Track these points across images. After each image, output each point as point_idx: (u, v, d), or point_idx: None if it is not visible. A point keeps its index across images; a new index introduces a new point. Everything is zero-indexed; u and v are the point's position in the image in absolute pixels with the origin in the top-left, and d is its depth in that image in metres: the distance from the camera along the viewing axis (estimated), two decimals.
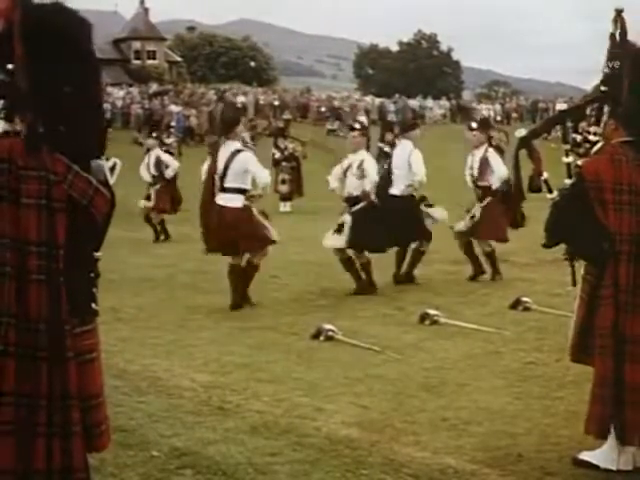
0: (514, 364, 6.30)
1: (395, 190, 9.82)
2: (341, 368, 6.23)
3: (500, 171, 9.91)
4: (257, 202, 8.62)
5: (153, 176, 14.78)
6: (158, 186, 14.69)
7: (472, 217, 10.05)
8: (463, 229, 10.08)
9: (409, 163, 9.77)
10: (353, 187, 9.34)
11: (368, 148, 9.66)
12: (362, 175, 9.23)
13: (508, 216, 10.13)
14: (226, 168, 8.47)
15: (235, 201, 8.47)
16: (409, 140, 10.03)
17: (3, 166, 3.15)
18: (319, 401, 5.41)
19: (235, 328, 7.62)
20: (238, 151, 8.53)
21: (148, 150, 15.34)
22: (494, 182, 9.99)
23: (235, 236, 8.37)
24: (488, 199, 10.01)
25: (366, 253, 9.36)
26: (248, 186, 8.56)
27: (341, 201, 9.57)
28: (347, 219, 9.23)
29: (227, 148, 8.55)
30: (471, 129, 10.43)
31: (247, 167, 8.47)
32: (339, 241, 9.22)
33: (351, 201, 9.36)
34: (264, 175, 8.60)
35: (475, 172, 10.14)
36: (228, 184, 8.49)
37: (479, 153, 10.17)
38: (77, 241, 3.23)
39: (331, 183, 9.65)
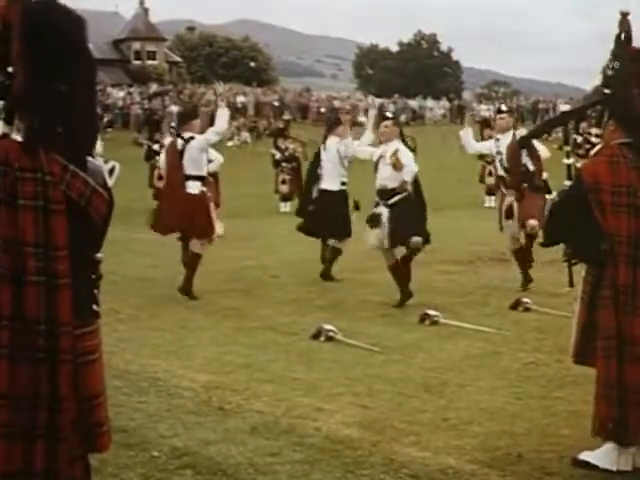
0: (514, 364, 6.30)
1: (326, 185, 10.11)
2: (341, 368, 6.23)
3: (543, 151, 8.98)
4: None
5: None
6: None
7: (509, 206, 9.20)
8: (516, 231, 9.36)
9: (339, 158, 10.05)
10: (387, 178, 8.66)
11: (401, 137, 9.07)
12: (397, 166, 8.60)
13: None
14: (181, 156, 8.91)
15: (193, 188, 8.95)
16: (336, 137, 10.14)
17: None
18: (319, 401, 5.41)
19: (235, 328, 7.62)
20: (191, 138, 8.94)
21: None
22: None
23: (190, 220, 8.87)
24: (524, 185, 8.98)
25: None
26: (203, 172, 9.08)
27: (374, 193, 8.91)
28: (384, 213, 8.62)
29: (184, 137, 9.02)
30: (500, 112, 9.87)
31: (200, 147, 8.92)
32: (380, 237, 8.62)
33: (386, 194, 8.66)
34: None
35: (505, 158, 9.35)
36: (186, 172, 8.95)
37: (507, 138, 9.36)
38: (76, 242, 3.23)
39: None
